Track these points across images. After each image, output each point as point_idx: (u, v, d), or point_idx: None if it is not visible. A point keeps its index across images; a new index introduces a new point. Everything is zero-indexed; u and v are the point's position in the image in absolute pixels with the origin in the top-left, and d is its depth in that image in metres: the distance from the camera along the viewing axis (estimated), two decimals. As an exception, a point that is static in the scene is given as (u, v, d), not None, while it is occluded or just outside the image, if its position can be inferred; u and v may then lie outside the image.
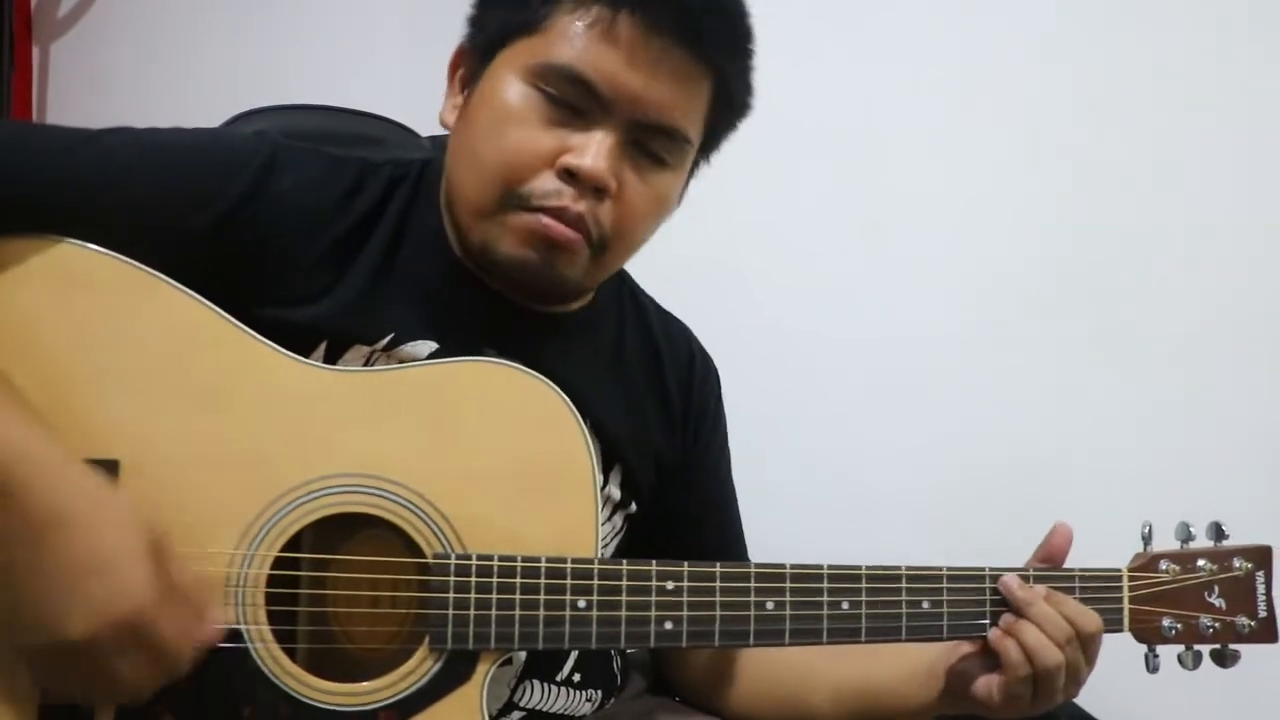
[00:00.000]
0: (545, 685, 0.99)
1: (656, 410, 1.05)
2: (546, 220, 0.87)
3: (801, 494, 1.72)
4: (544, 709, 0.99)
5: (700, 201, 1.62)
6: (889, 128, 1.76)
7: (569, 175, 0.86)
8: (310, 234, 0.90)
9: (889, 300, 1.75)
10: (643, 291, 1.11)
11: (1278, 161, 1.57)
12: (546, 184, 0.86)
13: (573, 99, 0.86)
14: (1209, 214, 1.60)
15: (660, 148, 0.90)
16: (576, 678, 1.01)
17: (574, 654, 1.00)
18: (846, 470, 1.75)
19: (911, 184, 1.74)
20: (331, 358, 0.90)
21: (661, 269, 1.08)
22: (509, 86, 0.87)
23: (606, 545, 1.03)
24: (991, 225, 1.70)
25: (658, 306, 1.11)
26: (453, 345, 0.92)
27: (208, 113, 1.20)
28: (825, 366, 1.77)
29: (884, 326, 1.75)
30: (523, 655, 0.96)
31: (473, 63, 0.92)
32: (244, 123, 1.21)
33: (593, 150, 0.86)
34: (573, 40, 0.86)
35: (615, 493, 1.02)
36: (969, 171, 1.72)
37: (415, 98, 0.94)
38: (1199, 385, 1.60)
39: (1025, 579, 0.92)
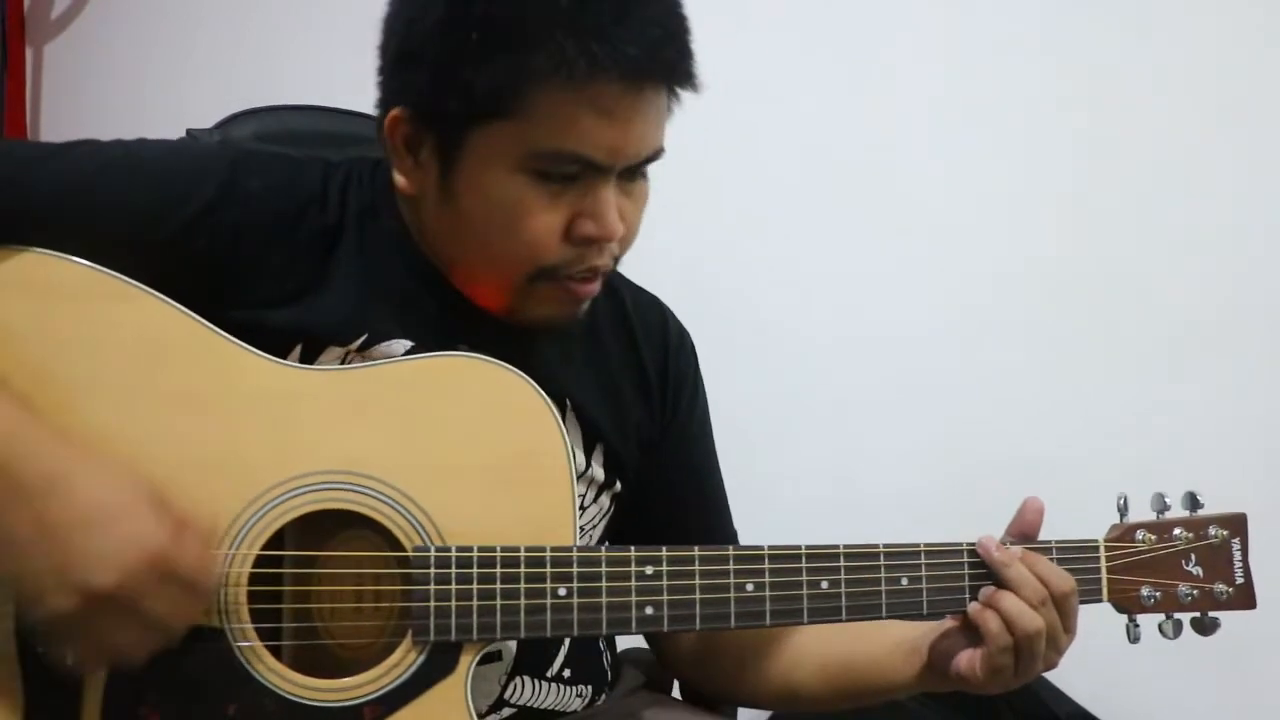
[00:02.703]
0: (535, 681, 0.99)
1: (633, 385, 1.06)
2: (577, 286, 0.91)
3: (796, 495, 1.72)
4: (535, 705, 0.99)
5: (696, 202, 1.64)
6: (884, 126, 1.76)
7: (587, 241, 0.89)
8: (279, 236, 0.91)
9: (884, 301, 1.75)
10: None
11: (1274, 162, 1.58)
12: (569, 255, 0.89)
13: (572, 172, 0.87)
14: (1204, 214, 1.60)
15: (645, 167, 0.93)
16: (566, 673, 1.01)
17: (563, 650, 1.01)
18: (841, 471, 1.75)
19: (906, 185, 1.74)
20: (307, 359, 0.90)
21: (658, 270, 1.09)
22: (503, 180, 0.87)
23: (595, 526, 1.03)
24: (985, 225, 1.70)
25: (626, 280, 1.10)
26: (426, 343, 0.93)
27: (202, 113, 1.19)
28: (820, 367, 1.77)
29: (879, 327, 1.74)
30: (512, 651, 0.97)
31: (425, 135, 0.89)
32: (238, 124, 1.20)
33: (604, 214, 0.88)
34: (563, 121, 0.84)
35: (599, 473, 1.02)
36: (963, 172, 1.71)
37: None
38: (1197, 385, 1.60)
39: (1003, 550, 0.93)
